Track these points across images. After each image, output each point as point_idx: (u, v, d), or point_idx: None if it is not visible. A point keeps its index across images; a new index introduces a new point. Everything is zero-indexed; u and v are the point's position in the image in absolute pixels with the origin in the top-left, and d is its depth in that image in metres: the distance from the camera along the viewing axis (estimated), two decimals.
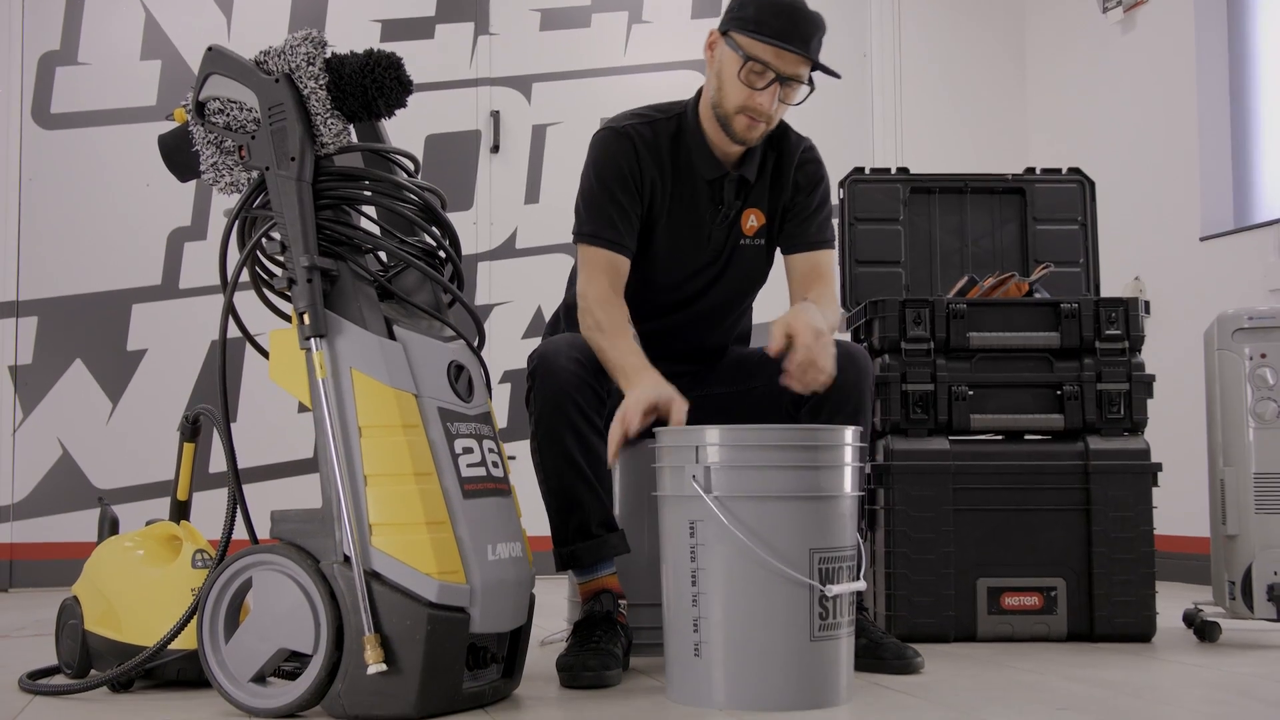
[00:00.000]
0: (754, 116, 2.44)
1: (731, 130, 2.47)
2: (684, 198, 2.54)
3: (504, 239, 4.96)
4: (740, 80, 2.42)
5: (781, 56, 2.39)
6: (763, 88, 2.41)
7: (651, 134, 2.54)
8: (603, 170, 2.51)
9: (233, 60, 2.05)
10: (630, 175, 2.50)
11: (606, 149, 2.53)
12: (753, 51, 2.40)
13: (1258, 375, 2.82)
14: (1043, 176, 3.38)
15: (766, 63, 2.39)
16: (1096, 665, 2.51)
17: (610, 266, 2.46)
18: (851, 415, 2.41)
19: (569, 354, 2.37)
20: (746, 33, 2.41)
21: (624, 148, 2.51)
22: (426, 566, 1.87)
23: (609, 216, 2.48)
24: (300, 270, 1.95)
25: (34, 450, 4.60)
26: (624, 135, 2.52)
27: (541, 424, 2.37)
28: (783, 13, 2.40)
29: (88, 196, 4.72)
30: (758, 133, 2.48)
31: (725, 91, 2.46)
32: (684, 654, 2.03)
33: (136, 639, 2.17)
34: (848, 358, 2.46)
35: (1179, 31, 4.45)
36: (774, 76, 2.40)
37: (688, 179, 2.54)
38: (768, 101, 2.42)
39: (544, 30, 5.07)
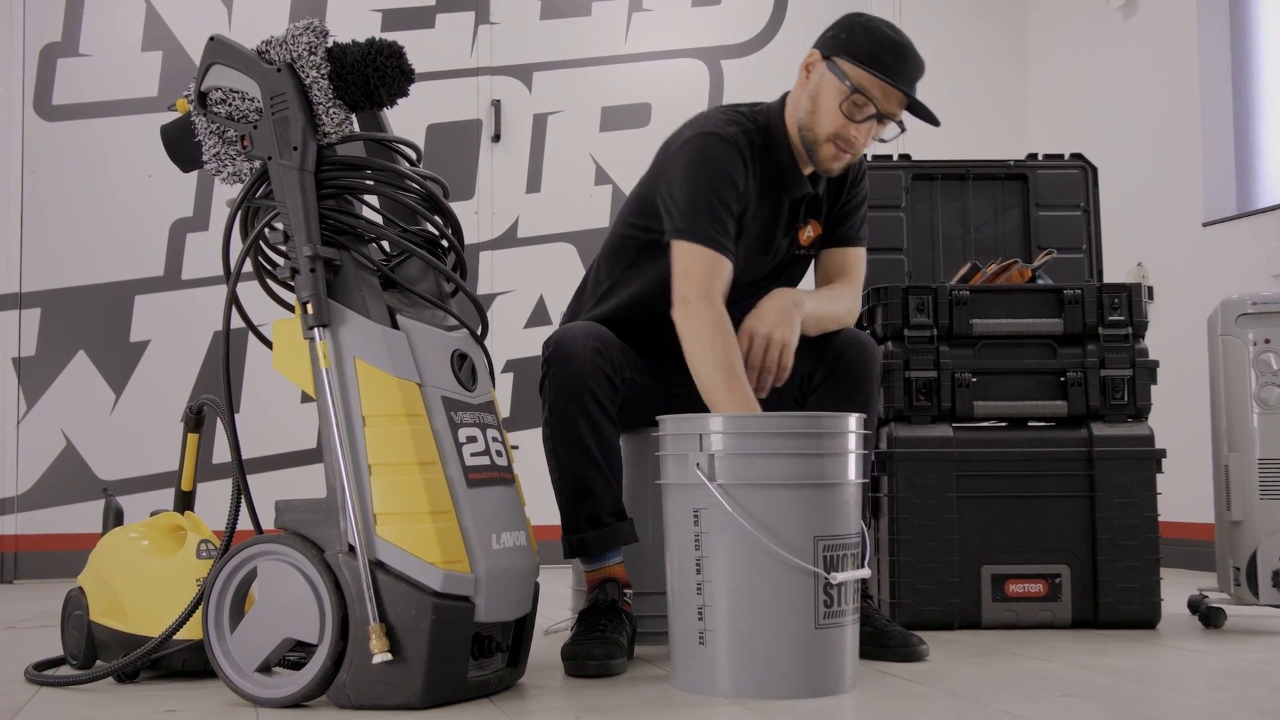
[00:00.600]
0: (843, 147, 2.39)
1: (817, 157, 2.42)
2: (766, 212, 2.48)
3: (505, 228, 4.96)
4: (840, 110, 2.36)
5: (888, 94, 2.35)
6: (861, 120, 2.36)
7: (748, 143, 2.43)
8: (713, 173, 2.37)
9: (235, 50, 2.04)
10: (736, 182, 2.39)
11: (714, 153, 2.39)
12: (860, 83, 2.34)
13: (1262, 360, 2.82)
14: (1045, 162, 3.37)
15: (872, 97, 2.34)
16: (1101, 652, 2.51)
17: (721, 271, 2.34)
18: (860, 405, 2.41)
19: (586, 341, 2.36)
20: (856, 63, 2.35)
21: (731, 155, 2.39)
22: (431, 556, 1.88)
23: (720, 219, 2.35)
24: (303, 260, 1.95)
25: (38, 442, 4.61)
26: (733, 143, 2.40)
27: (556, 410, 2.36)
28: (896, 51, 2.35)
29: (90, 188, 4.72)
30: (841, 164, 2.43)
31: (820, 117, 2.39)
32: (689, 642, 2.04)
33: (142, 629, 2.18)
34: (857, 346, 2.46)
35: (1181, 16, 4.43)
36: (874, 112, 2.36)
37: (773, 194, 2.48)
38: (863, 136, 2.38)
39: (544, 19, 5.06)
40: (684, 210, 2.36)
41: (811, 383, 2.51)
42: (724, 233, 2.35)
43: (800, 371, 2.50)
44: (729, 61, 5.10)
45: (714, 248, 2.33)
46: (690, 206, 2.36)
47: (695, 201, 2.36)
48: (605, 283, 2.60)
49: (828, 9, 5.26)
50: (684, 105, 5.07)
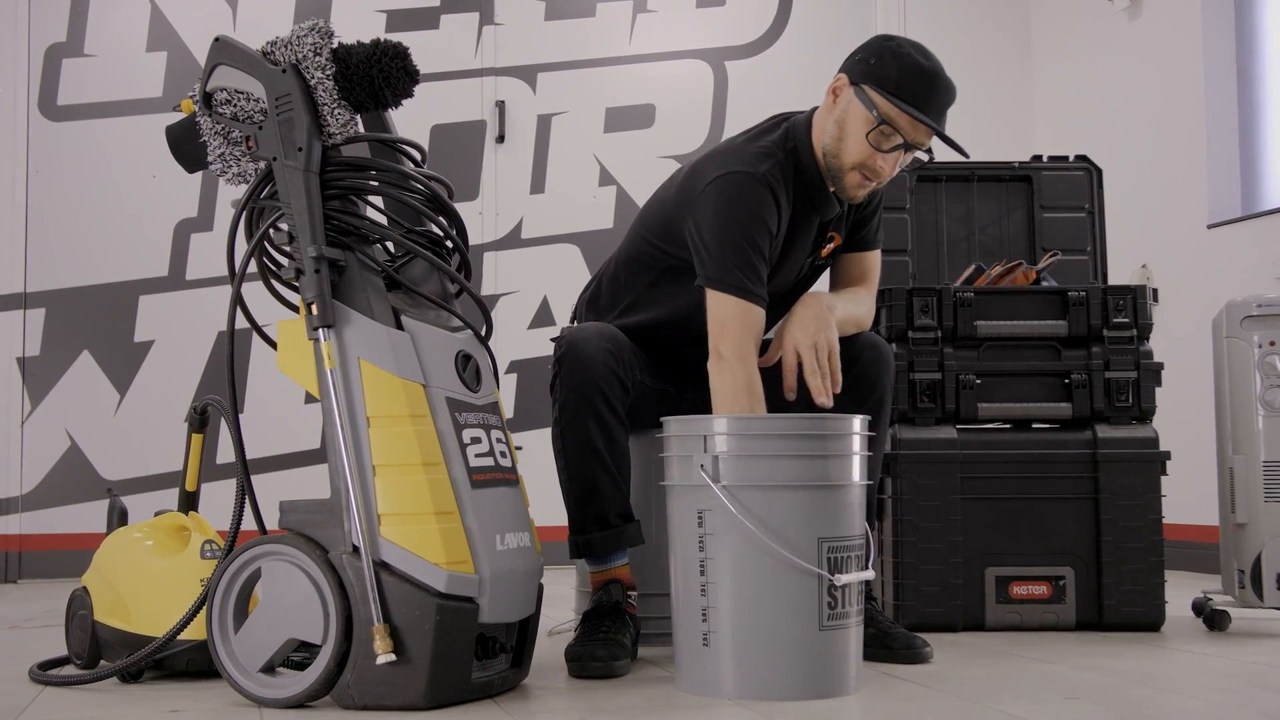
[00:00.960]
0: (868, 176, 2.35)
1: (841, 185, 2.38)
2: (797, 237, 2.45)
3: (510, 229, 4.96)
4: (867, 140, 2.31)
5: (916, 127, 2.30)
6: (888, 150, 2.32)
7: (782, 176, 2.38)
8: (744, 218, 2.31)
9: (240, 51, 2.04)
10: (770, 226, 2.34)
11: (747, 195, 2.32)
12: (888, 114, 2.29)
13: (1267, 363, 2.81)
14: (1050, 164, 3.37)
15: (899, 128, 2.30)
16: (1106, 654, 2.51)
17: (756, 325, 2.30)
18: (874, 408, 2.41)
19: (598, 342, 2.35)
20: (885, 93, 2.29)
21: (766, 198, 2.33)
22: (435, 556, 1.88)
23: (754, 268, 2.30)
24: (308, 260, 1.95)
25: (42, 442, 4.61)
26: (766, 184, 2.33)
27: (566, 411, 2.36)
28: (925, 80, 2.30)
29: (94, 188, 4.72)
30: (866, 192, 2.39)
31: (845, 144, 2.34)
32: (692, 643, 2.03)
33: (146, 629, 2.18)
34: (873, 350, 2.45)
35: (1186, 18, 4.43)
36: (902, 142, 2.32)
37: (802, 220, 2.44)
38: (890, 166, 2.34)
39: (549, 20, 5.06)
40: (716, 257, 2.30)
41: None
42: (757, 280, 2.30)
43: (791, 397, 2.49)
44: (733, 63, 5.10)
45: (747, 298, 2.28)
46: (722, 253, 2.30)
47: (726, 248, 2.30)
48: (628, 295, 2.57)
49: (832, 11, 5.27)
50: (688, 107, 5.10)
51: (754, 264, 2.30)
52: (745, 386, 2.24)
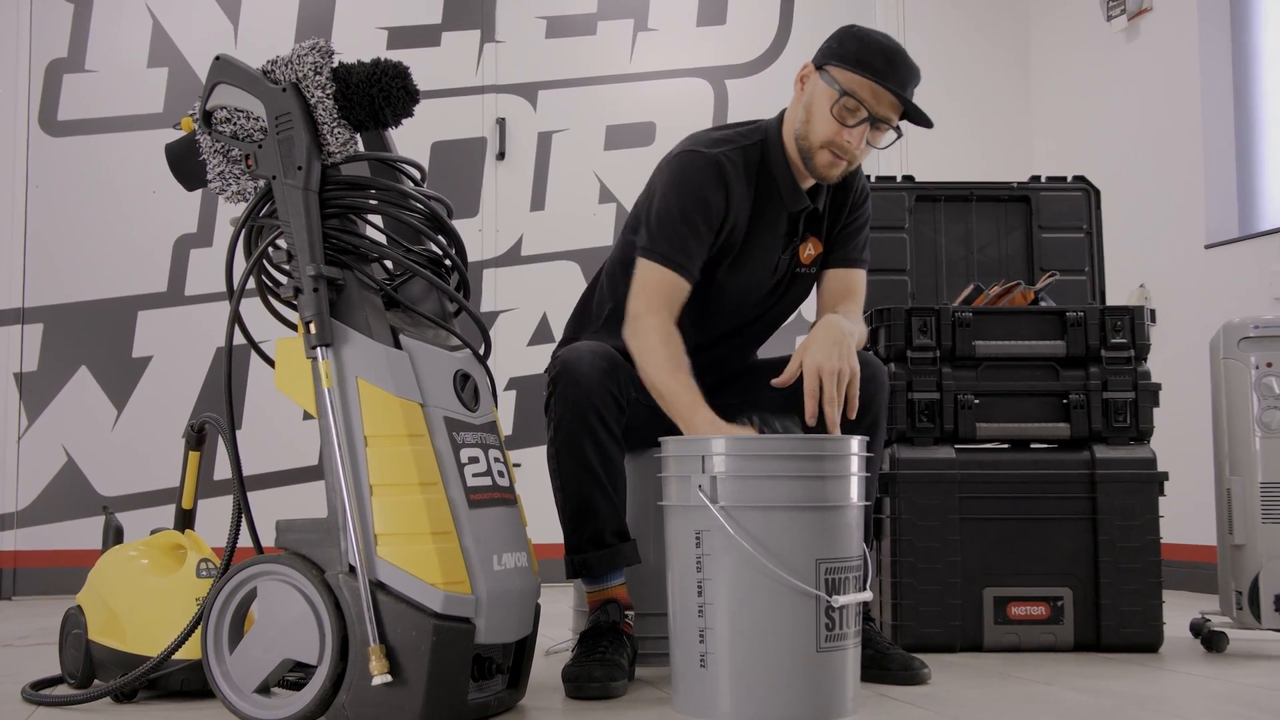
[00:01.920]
0: (838, 154, 2.39)
1: (813, 165, 2.42)
2: (762, 229, 2.49)
3: (509, 246, 4.96)
4: (832, 115, 2.36)
5: (878, 96, 2.34)
6: (854, 125, 2.36)
7: (741, 161, 2.45)
8: (686, 195, 2.40)
9: (240, 69, 2.05)
10: (713, 205, 2.40)
11: (695, 173, 2.41)
12: (849, 86, 2.34)
13: (1264, 384, 2.81)
14: (1048, 185, 3.37)
15: (862, 100, 2.34)
16: (1104, 676, 2.50)
17: (674, 291, 2.38)
18: (868, 428, 2.41)
19: (592, 361, 2.35)
20: (846, 67, 2.35)
21: (710, 176, 2.41)
22: (432, 577, 1.87)
23: (684, 241, 2.38)
24: (306, 279, 1.95)
25: (38, 457, 4.60)
26: (716, 163, 2.41)
27: (561, 430, 2.36)
28: (885, 54, 2.36)
29: (94, 203, 4.73)
30: (838, 171, 2.43)
31: (814, 124, 2.40)
32: (690, 665, 2.03)
33: (140, 649, 2.17)
34: (867, 369, 2.45)
35: (1183, 39, 4.45)
36: (866, 115, 2.35)
37: (768, 210, 2.48)
38: (856, 139, 2.37)
39: (550, 38, 5.07)
40: (652, 229, 2.41)
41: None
42: (684, 254, 2.38)
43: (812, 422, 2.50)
44: (734, 81, 5.12)
45: (670, 267, 2.38)
46: (659, 225, 2.41)
47: (664, 220, 2.40)
48: (609, 303, 2.60)
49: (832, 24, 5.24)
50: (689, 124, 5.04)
51: (685, 239, 2.38)
52: (658, 330, 2.33)
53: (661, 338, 2.33)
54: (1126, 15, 4.69)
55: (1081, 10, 5.00)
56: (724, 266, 2.49)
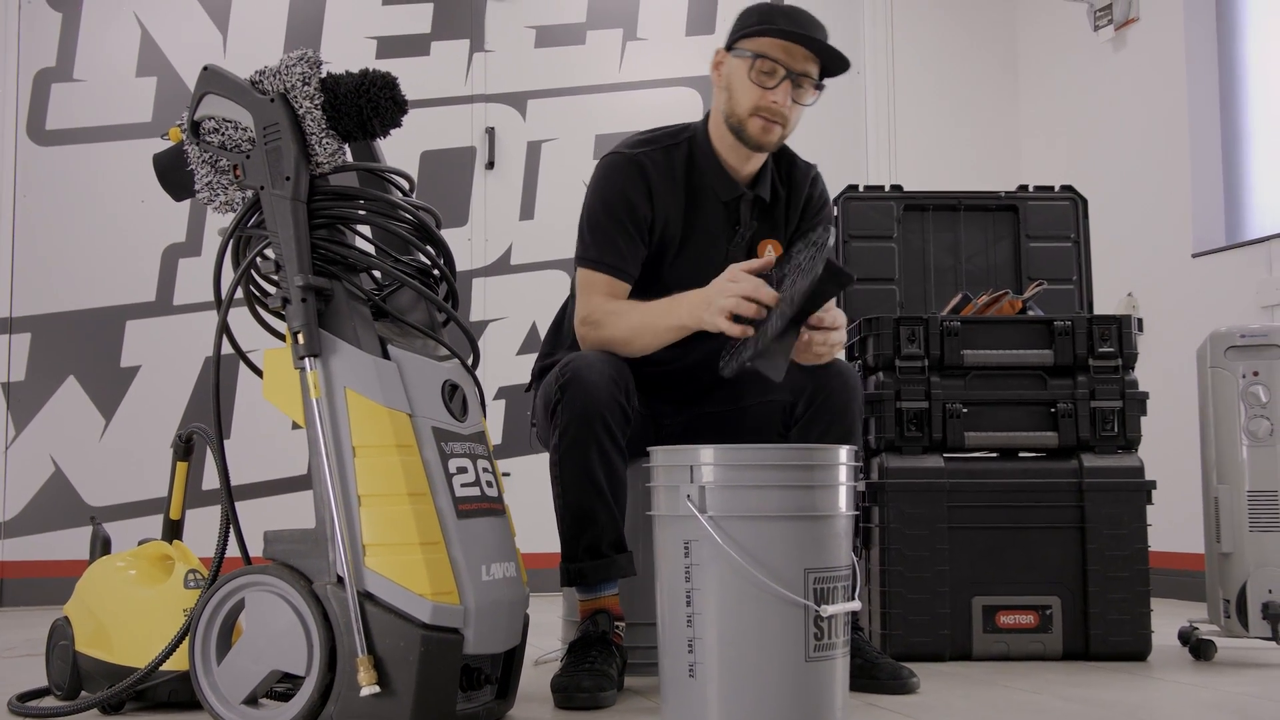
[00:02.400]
0: (768, 117, 2.42)
1: (747, 136, 2.45)
2: (700, 222, 2.51)
3: (499, 255, 4.96)
4: (751, 81, 2.41)
5: (790, 51, 2.39)
6: (774, 85, 2.41)
7: (664, 159, 2.50)
8: (610, 196, 2.48)
9: (228, 80, 2.05)
10: (638, 203, 2.46)
11: (615, 175, 2.49)
12: (760, 49, 2.40)
13: (1250, 393, 2.82)
14: (1036, 194, 3.39)
15: (776, 59, 2.39)
16: (1092, 684, 2.50)
17: (611, 290, 2.45)
18: (842, 436, 2.40)
19: (601, 369, 2.35)
20: (753, 35, 2.41)
21: (633, 175, 2.47)
22: (420, 587, 1.87)
23: (614, 242, 2.45)
24: (295, 289, 1.94)
25: (26, 467, 4.59)
26: (635, 162, 2.48)
27: (566, 437, 2.35)
28: (787, 13, 2.42)
29: (82, 213, 4.72)
30: (774, 135, 2.46)
31: (737, 98, 2.45)
32: (678, 675, 2.02)
33: (128, 660, 2.16)
34: (839, 377, 2.46)
35: (1170, 49, 4.47)
36: (785, 73, 2.40)
37: (703, 203, 2.52)
38: (781, 98, 2.41)
39: (539, 47, 5.08)
40: (584, 235, 2.50)
41: (794, 413, 2.50)
42: (616, 255, 2.46)
43: (782, 402, 2.50)
44: None
45: (604, 271, 2.46)
46: (589, 231, 2.49)
47: (592, 225, 2.49)
48: None
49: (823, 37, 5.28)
50: None
51: (613, 238, 2.46)
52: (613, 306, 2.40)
53: (614, 307, 2.41)
54: (1114, 25, 4.71)
55: (1069, 20, 5.02)
56: (667, 264, 2.52)
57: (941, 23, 5.38)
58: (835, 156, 5.00)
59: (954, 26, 5.40)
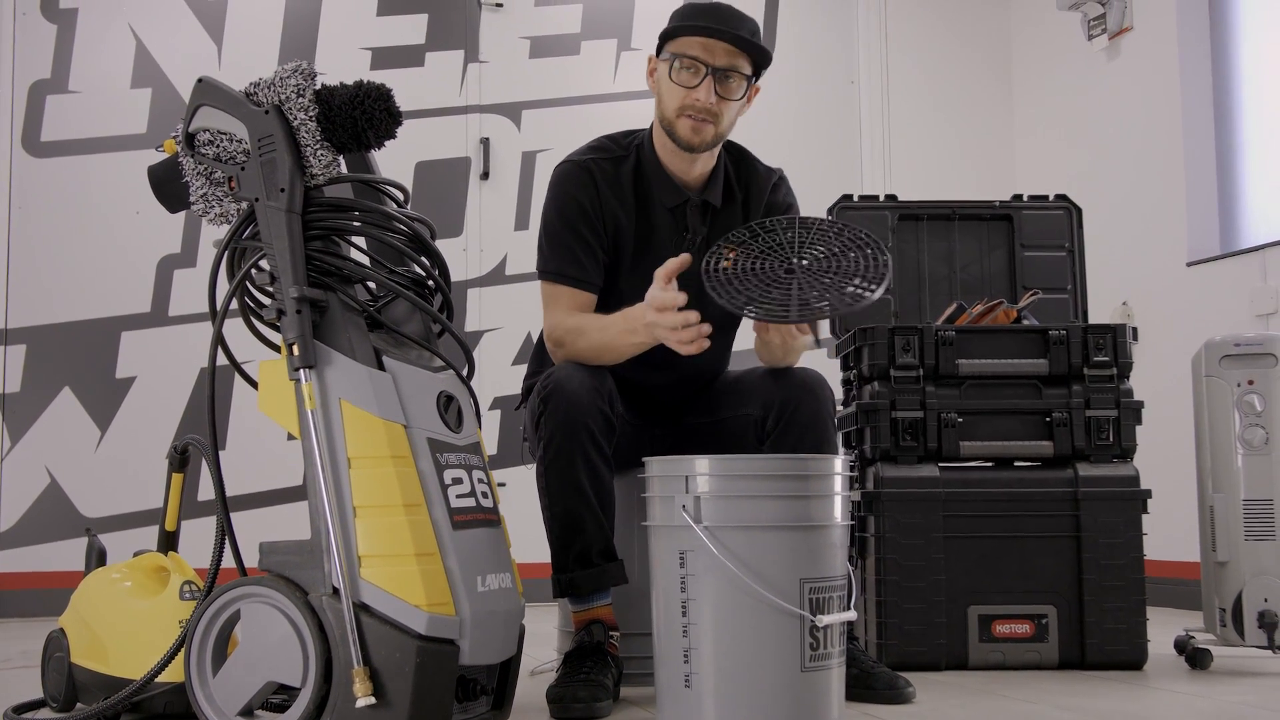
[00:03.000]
0: (695, 116, 2.42)
1: (677, 137, 2.45)
2: (648, 231, 2.52)
3: (494, 265, 4.97)
4: (674, 82, 2.42)
5: (709, 47, 2.39)
6: (696, 84, 2.41)
7: (612, 167, 2.52)
8: (563, 205, 2.50)
9: (223, 92, 2.05)
10: (591, 208, 2.48)
11: (566, 183, 2.51)
12: (681, 49, 2.41)
13: (1245, 402, 2.83)
14: (1030, 203, 3.39)
15: (695, 56, 2.40)
16: (1088, 694, 2.50)
17: (576, 303, 2.46)
18: (816, 445, 2.41)
19: (582, 380, 2.36)
20: (673, 35, 2.43)
21: (583, 180, 2.50)
22: (416, 598, 1.87)
23: (572, 252, 2.47)
24: (290, 301, 1.95)
25: (21, 479, 4.58)
26: (583, 168, 2.51)
27: (551, 448, 2.35)
28: (705, 10, 2.42)
29: (77, 224, 4.72)
30: (706, 134, 2.44)
31: (664, 100, 2.46)
32: (674, 685, 2.03)
33: (123, 672, 2.16)
34: (804, 388, 2.46)
35: (1163, 58, 4.48)
36: (706, 70, 2.40)
37: (650, 211, 2.53)
38: (705, 95, 2.40)
39: (533, 58, 5.09)
40: (543, 248, 2.51)
41: (765, 427, 2.50)
42: (576, 265, 2.47)
43: (752, 416, 2.50)
44: None
45: (565, 283, 2.47)
46: (547, 243, 2.51)
47: (551, 236, 2.50)
48: None
49: (814, 46, 5.30)
50: None
51: (571, 248, 2.46)
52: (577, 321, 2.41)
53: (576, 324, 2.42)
54: (1108, 34, 4.72)
55: (1063, 29, 5.03)
56: (621, 274, 2.53)
57: (936, 32, 5.40)
58: (829, 166, 5.02)
59: (948, 35, 5.41)
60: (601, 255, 2.50)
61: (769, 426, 2.48)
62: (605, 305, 2.49)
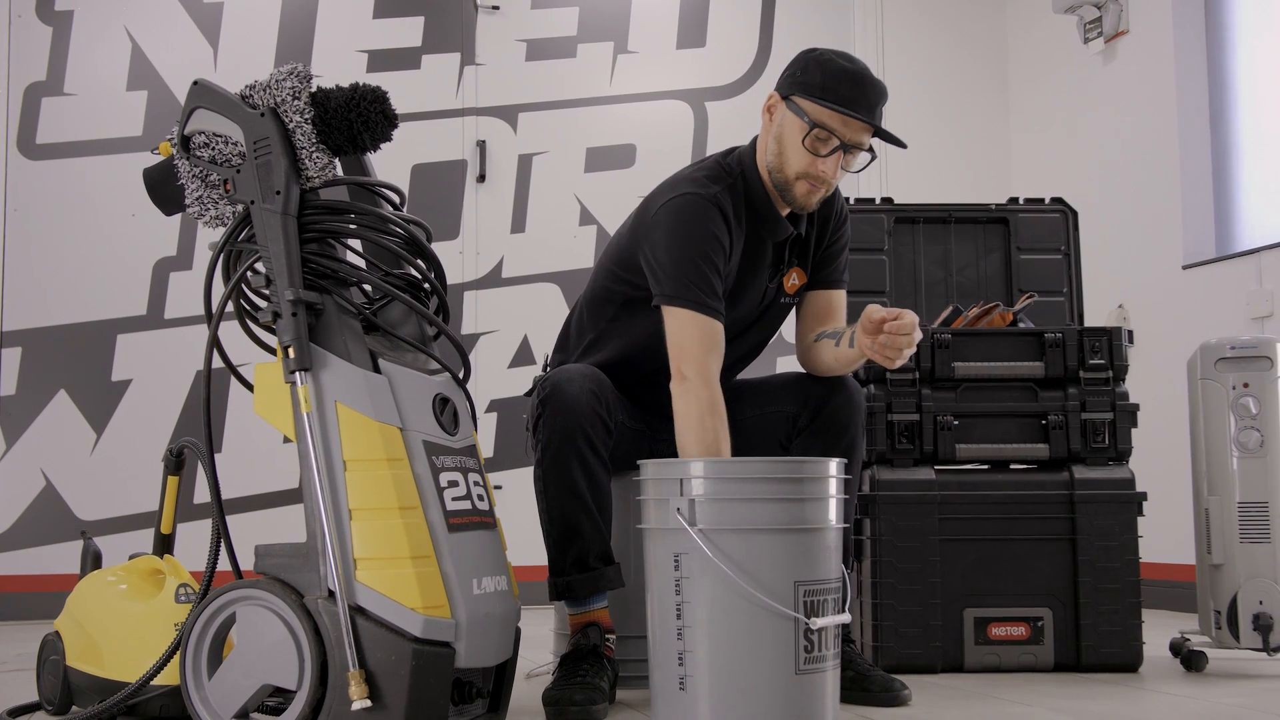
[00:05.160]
0: (815, 183, 2.38)
1: (791, 196, 2.41)
2: (751, 262, 2.48)
3: (490, 268, 4.96)
4: (804, 147, 2.35)
5: (849, 124, 2.33)
6: (827, 154, 2.35)
7: (732, 201, 2.42)
8: (697, 235, 2.36)
9: (218, 95, 2.05)
10: (723, 242, 2.38)
11: (701, 216, 2.37)
12: (819, 118, 2.33)
13: (1241, 404, 2.83)
14: (1026, 206, 3.40)
15: (833, 130, 2.33)
16: (1084, 696, 2.51)
17: (713, 337, 2.34)
18: (845, 450, 2.41)
19: (582, 384, 2.35)
20: (813, 99, 2.34)
21: (714, 214, 2.38)
22: (411, 601, 1.87)
23: (708, 282, 2.34)
24: (285, 304, 1.95)
25: (17, 481, 4.57)
26: (713, 202, 2.38)
27: (548, 452, 2.35)
28: (851, 80, 2.34)
29: (73, 227, 4.71)
30: (817, 198, 2.42)
31: (786, 157, 2.39)
32: (669, 687, 2.02)
33: (119, 675, 2.16)
34: (844, 392, 2.47)
35: (1159, 62, 4.49)
36: (839, 144, 2.35)
37: (756, 242, 2.47)
38: (831, 169, 2.36)
39: (530, 60, 5.09)
40: (671, 274, 2.34)
41: (796, 424, 2.52)
42: (713, 295, 2.34)
43: (785, 413, 2.51)
44: (714, 103, 5.14)
45: (705, 313, 2.32)
46: (678, 270, 2.34)
47: (682, 265, 2.34)
48: (590, 333, 2.60)
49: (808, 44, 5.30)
50: (669, 147, 5.12)
51: (709, 279, 2.34)
52: (709, 408, 2.27)
53: (710, 413, 2.27)
54: (1104, 37, 4.73)
55: (1059, 33, 5.04)
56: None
57: (932, 35, 5.41)
58: None
59: (944, 39, 5.42)
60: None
61: (802, 423, 2.50)
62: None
